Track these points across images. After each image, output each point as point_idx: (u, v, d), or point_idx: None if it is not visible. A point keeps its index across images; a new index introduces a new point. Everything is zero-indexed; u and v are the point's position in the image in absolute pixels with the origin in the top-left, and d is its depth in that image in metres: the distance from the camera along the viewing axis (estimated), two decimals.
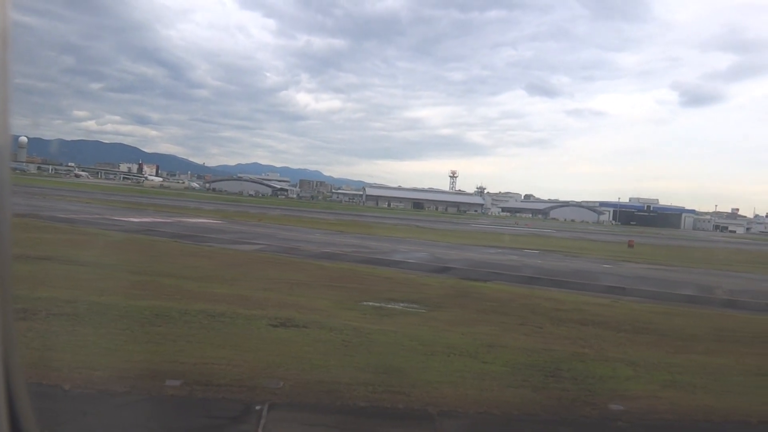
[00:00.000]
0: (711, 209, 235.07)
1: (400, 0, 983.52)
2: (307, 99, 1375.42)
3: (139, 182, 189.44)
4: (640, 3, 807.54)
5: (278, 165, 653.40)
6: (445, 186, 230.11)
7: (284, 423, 7.24)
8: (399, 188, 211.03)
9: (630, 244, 55.32)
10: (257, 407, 7.37)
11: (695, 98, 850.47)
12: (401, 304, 16.00)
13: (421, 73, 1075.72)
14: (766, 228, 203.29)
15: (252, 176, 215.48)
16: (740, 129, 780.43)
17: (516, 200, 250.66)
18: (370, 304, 15.70)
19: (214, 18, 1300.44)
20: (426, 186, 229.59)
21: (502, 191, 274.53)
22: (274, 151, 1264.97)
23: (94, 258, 20.07)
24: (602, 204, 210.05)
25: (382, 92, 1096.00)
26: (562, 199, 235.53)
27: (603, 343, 12.89)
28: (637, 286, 23.96)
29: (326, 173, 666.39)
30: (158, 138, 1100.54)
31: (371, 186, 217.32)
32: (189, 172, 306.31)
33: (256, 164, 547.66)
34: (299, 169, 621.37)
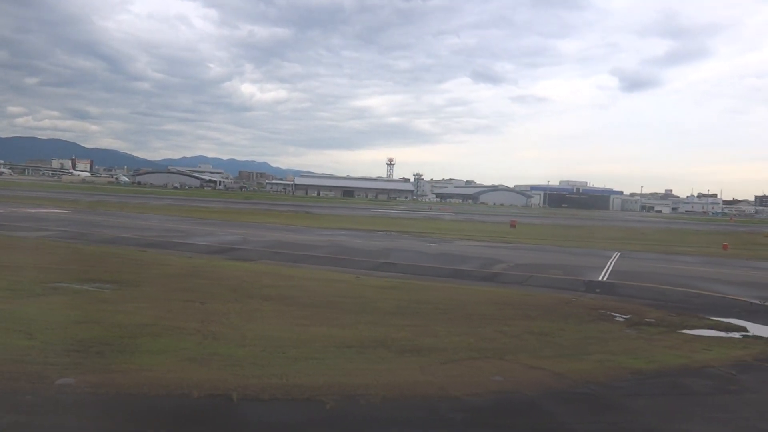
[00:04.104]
0: (641, 191, 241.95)
1: None
2: (252, 90, 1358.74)
3: (60, 178, 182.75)
4: None
5: (225, 157, 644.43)
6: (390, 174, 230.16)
7: None
8: (329, 177, 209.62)
9: (512, 225, 55.94)
10: None
11: (634, 83, 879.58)
12: (95, 285, 15.22)
13: (366, 62, 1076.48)
14: (693, 207, 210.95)
15: (180, 169, 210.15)
16: (676, 112, 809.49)
17: (456, 186, 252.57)
18: (58, 285, 14.86)
19: (153, 8, 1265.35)
20: (374, 175, 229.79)
21: (446, 178, 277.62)
22: (221, 143, 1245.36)
23: None
24: (533, 188, 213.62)
25: (328, 82, 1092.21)
26: (505, 184, 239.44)
27: (240, 317, 12.34)
28: (420, 263, 23.80)
29: (274, 164, 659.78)
30: (99, 133, 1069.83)
31: (301, 175, 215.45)
32: (125, 167, 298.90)
33: (201, 157, 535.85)
34: (246, 160, 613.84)
